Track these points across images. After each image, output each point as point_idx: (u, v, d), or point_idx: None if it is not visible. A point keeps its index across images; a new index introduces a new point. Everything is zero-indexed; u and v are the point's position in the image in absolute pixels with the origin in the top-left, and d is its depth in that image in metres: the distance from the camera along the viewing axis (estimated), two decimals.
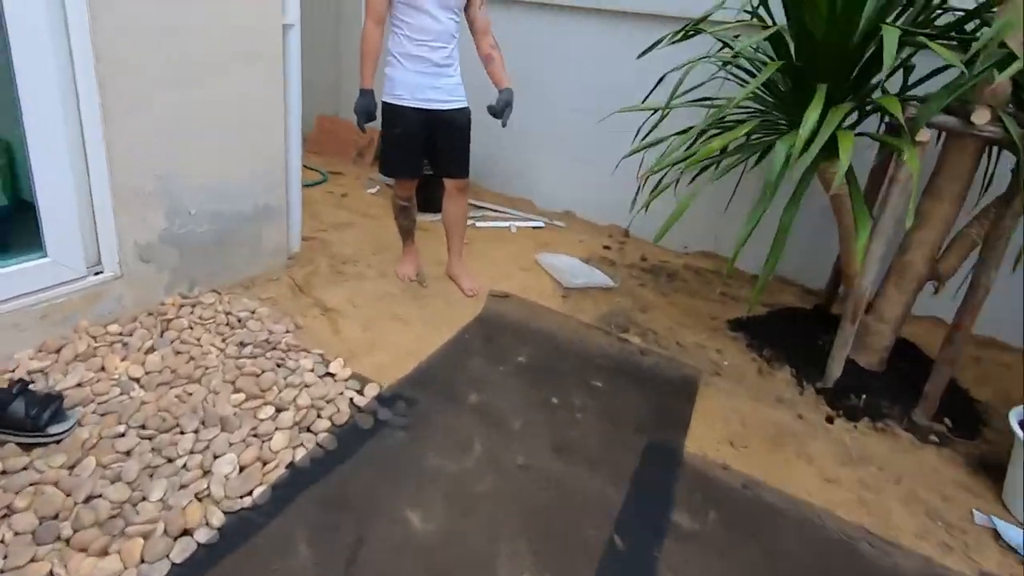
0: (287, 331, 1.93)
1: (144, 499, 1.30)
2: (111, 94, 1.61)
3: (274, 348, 1.82)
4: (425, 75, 2.05)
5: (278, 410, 1.59)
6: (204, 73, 1.81)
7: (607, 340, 2.18)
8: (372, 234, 2.80)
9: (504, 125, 2.12)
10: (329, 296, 2.20)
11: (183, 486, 1.34)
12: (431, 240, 2.76)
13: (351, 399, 1.70)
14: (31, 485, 1.28)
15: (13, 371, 1.57)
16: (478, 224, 3.06)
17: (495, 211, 3.27)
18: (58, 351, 1.64)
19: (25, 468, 1.32)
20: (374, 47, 2.03)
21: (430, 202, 2.95)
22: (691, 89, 2.23)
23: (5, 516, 1.22)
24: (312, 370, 1.77)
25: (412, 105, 2.07)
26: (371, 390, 1.74)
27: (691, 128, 2.01)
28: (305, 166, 3.56)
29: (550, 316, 2.30)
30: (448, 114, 2.11)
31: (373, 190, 3.37)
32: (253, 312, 1.99)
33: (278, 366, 1.76)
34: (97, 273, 1.74)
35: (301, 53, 2.12)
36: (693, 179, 2.21)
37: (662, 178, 2.20)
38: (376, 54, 2.04)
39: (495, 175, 3.53)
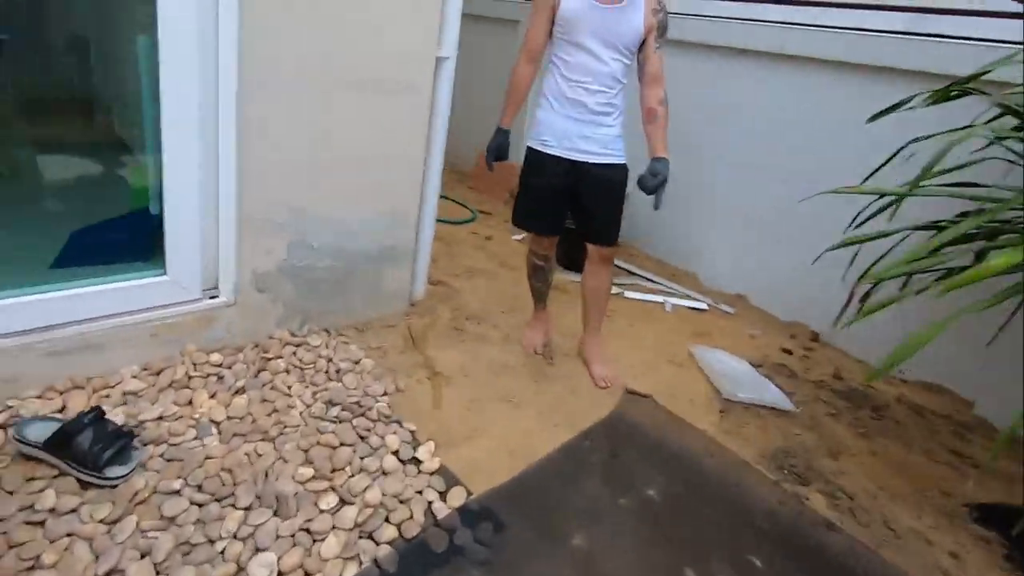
0: (384, 393, 1.68)
1: None
2: (249, 118, 1.52)
3: (363, 414, 1.56)
4: (577, 121, 1.71)
5: (342, 502, 1.31)
6: (346, 102, 1.67)
7: (776, 493, 1.58)
8: (506, 288, 2.51)
9: (657, 207, 1.69)
10: (442, 357, 1.92)
11: None
12: (569, 305, 2.38)
13: (430, 503, 1.36)
14: (68, 536, 1.13)
15: (114, 386, 1.50)
16: (627, 294, 2.61)
17: (649, 281, 2.80)
18: (158, 373, 1.55)
19: (73, 511, 1.18)
20: (521, 85, 1.77)
21: (574, 260, 2.60)
22: (945, 172, 1.59)
23: (32, 569, 1.07)
24: (396, 452, 1.47)
25: (557, 154, 1.74)
26: (456, 496, 1.39)
27: (940, 226, 1.39)
28: (457, 201, 3.47)
29: (699, 438, 1.75)
30: (598, 169, 1.74)
31: (519, 237, 3.11)
32: (356, 363, 1.77)
33: (361, 439, 1.49)
34: (212, 297, 1.66)
35: (473, 87, 1.92)
36: (924, 288, 1.55)
37: (876, 283, 1.59)
38: (522, 94, 1.78)
39: (655, 239, 3.06)
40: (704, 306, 2.60)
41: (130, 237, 1.81)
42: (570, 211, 1.85)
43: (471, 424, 1.65)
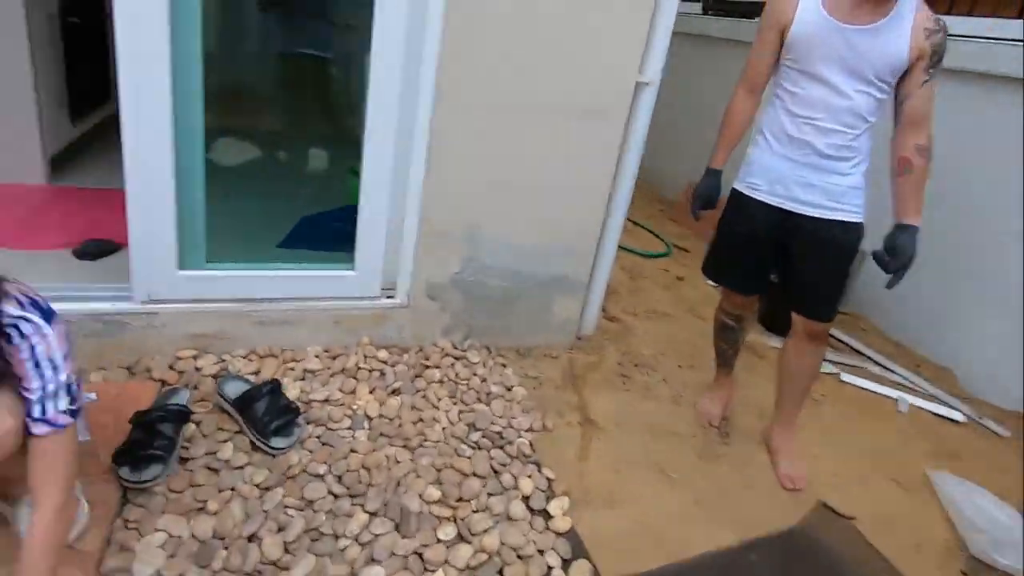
0: (530, 429, 1.61)
1: (283, 571, 1.14)
2: (441, 134, 1.60)
3: (502, 447, 1.52)
4: (799, 165, 1.42)
5: (460, 537, 1.27)
6: (535, 124, 1.66)
7: None
8: (688, 339, 2.26)
9: (890, 286, 1.35)
10: (598, 403, 1.79)
11: None
12: (762, 375, 2.04)
13: (549, 569, 1.24)
14: (231, 490, 1.29)
15: (298, 362, 1.70)
16: (845, 377, 2.15)
17: (880, 366, 2.27)
18: (334, 358, 1.72)
19: (240, 468, 1.35)
20: (738, 121, 1.53)
21: (777, 322, 2.24)
22: None
23: (200, 510, 1.24)
24: (527, 498, 1.39)
25: (768, 201, 1.47)
26: (580, 570, 1.25)
27: None
28: (652, 232, 3.29)
29: None
30: (821, 226, 1.43)
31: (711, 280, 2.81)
32: (509, 390, 1.74)
33: (494, 472, 1.44)
34: (389, 297, 1.78)
35: (688, 110, 1.78)
36: None
37: None
38: (739, 130, 1.54)
39: (898, 313, 2.47)
40: (959, 416, 2.00)
41: (338, 230, 2.06)
42: (778, 270, 1.57)
43: (614, 488, 1.49)
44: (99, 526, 1.13)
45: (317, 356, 1.72)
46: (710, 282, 2.80)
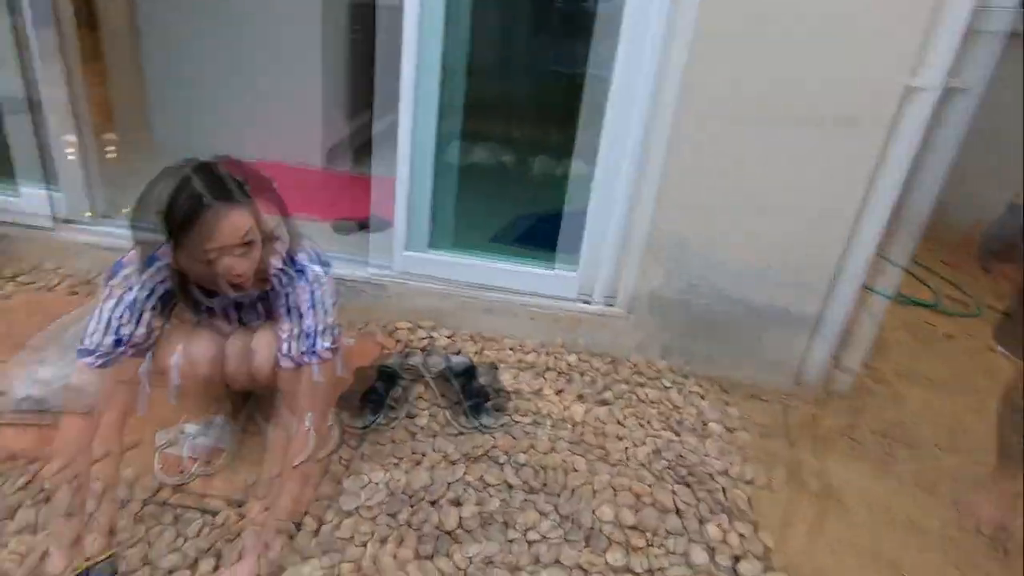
0: (725, 472, 1.47)
1: (455, 543, 1.22)
2: (674, 147, 1.59)
3: (696, 487, 1.41)
4: None
5: (629, 567, 1.21)
6: (769, 137, 1.52)
7: None
8: (967, 417, 1.83)
9: None
10: (836, 472, 1.54)
11: (488, 561, 1.19)
12: None
13: None
14: (422, 454, 1.42)
15: (503, 350, 1.82)
16: None
17: None
18: (540, 354, 1.80)
19: (433, 436, 1.48)
20: None
21: None
22: None
23: (396, 465, 1.39)
24: (715, 550, 1.27)
25: None
26: None
27: None
28: (953, 283, 2.70)
29: None
30: None
31: (1007, 351, 2.24)
32: (706, 425, 1.62)
33: (680, 512, 1.35)
34: (608, 305, 1.82)
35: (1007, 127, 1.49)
36: None
37: None
38: None
39: None
40: None
41: (558, 232, 2.15)
42: None
43: None
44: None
45: (524, 349, 1.82)
46: (1001, 350, 2.24)
